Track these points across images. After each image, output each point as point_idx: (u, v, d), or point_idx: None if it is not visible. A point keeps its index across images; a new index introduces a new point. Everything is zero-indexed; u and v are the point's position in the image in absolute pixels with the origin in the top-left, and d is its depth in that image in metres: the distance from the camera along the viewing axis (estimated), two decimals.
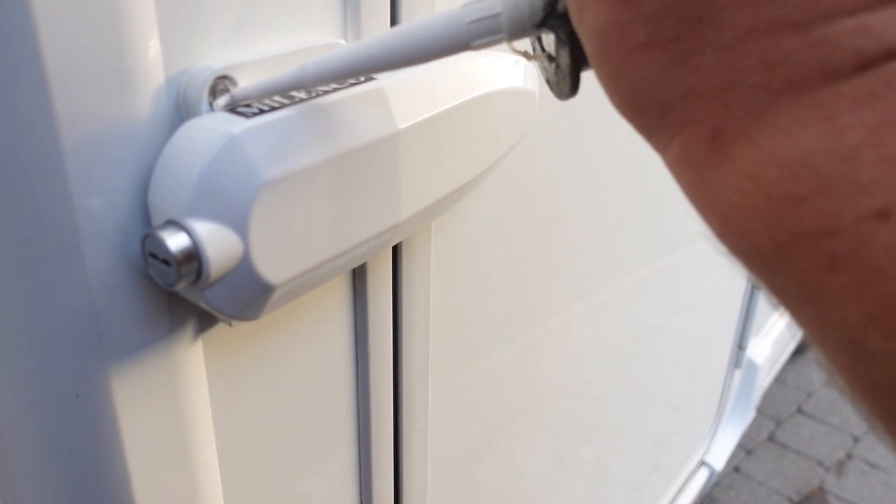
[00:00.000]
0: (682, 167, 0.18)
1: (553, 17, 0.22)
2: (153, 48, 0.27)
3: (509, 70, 0.41)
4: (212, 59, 0.30)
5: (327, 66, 0.27)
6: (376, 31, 0.37)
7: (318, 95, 0.31)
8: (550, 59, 0.24)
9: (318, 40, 0.34)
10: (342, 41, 0.35)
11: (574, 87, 0.23)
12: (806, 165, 0.15)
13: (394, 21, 0.38)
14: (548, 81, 0.25)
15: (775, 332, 1.62)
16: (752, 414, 1.54)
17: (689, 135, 0.17)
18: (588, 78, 0.22)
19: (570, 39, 0.22)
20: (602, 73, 0.19)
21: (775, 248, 0.16)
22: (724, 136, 0.17)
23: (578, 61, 0.22)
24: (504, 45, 0.24)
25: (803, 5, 0.15)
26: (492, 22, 0.23)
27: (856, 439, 1.99)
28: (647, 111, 0.18)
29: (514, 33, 0.23)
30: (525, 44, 0.25)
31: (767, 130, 0.16)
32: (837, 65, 0.15)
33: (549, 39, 0.23)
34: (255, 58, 0.31)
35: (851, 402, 0.16)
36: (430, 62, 0.25)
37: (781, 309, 0.17)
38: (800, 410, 2.11)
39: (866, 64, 0.15)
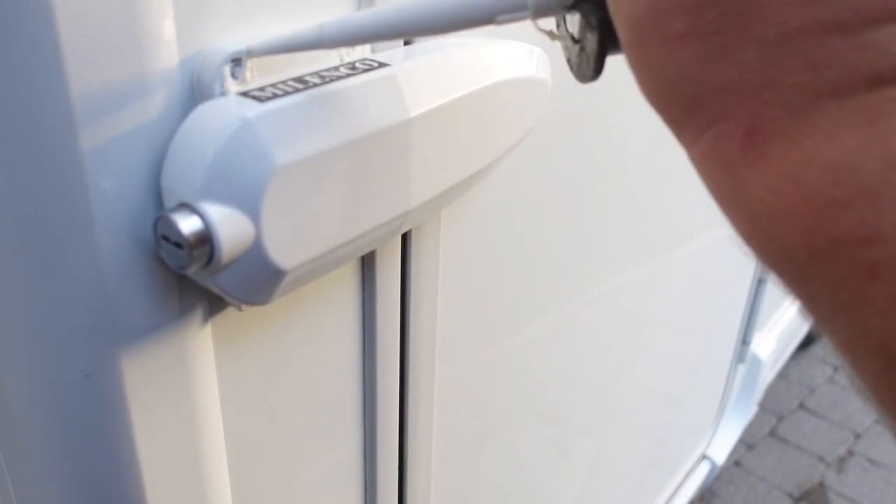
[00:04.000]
0: (711, 163, 0.17)
1: (585, 1, 0.21)
2: (168, 29, 0.27)
3: (522, 59, 0.41)
4: (226, 42, 0.30)
5: (347, 28, 0.26)
6: None
7: (331, 81, 0.31)
8: (574, 40, 0.23)
9: None
10: None
11: (598, 72, 0.22)
12: (848, 169, 0.15)
13: None
14: (568, 61, 0.24)
15: (780, 328, 1.62)
16: (754, 409, 1.54)
17: (722, 130, 0.17)
18: (607, 65, 0.22)
19: (599, 25, 0.21)
20: (634, 62, 0.18)
21: (810, 254, 0.15)
22: (760, 135, 0.16)
23: (605, 46, 0.21)
24: (515, 33, 0.24)
25: (853, 7, 0.15)
26: None
27: (857, 436, 1.99)
28: (679, 103, 0.18)
29: (540, 12, 0.23)
30: (549, 22, 0.24)
31: (809, 132, 0.15)
32: (883, 70, 0.15)
33: (574, 20, 0.23)
34: (270, 41, 0.31)
35: (877, 410, 0.16)
36: (450, 33, 0.25)
37: (808, 314, 0.17)
38: (802, 406, 2.11)
39: None
